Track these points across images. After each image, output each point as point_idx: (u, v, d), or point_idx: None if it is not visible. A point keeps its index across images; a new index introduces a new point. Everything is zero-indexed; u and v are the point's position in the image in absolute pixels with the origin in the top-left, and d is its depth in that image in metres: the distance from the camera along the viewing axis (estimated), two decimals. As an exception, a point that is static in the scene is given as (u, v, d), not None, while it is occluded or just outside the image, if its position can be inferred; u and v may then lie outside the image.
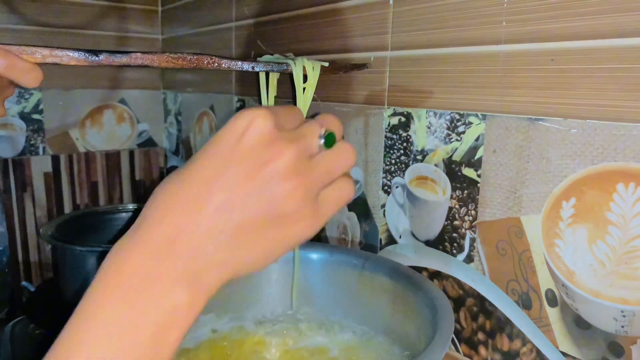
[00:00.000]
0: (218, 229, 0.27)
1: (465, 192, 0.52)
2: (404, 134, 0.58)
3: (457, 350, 0.55)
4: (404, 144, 0.58)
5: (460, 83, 0.51)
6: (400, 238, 0.60)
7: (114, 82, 1.10)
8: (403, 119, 0.58)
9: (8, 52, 0.38)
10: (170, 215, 0.27)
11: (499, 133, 0.48)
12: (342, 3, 0.64)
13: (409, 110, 0.57)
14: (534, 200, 0.46)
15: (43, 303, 0.74)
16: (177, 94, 1.11)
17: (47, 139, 1.03)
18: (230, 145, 0.28)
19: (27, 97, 1.00)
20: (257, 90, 0.56)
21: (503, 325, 0.50)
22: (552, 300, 0.46)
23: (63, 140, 1.05)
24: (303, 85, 0.54)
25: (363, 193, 0.65)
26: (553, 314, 0.46)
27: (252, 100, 0.86)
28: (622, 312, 0.41)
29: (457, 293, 0.54)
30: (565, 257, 0.44)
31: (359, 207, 0.66)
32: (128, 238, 0.27)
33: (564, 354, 0.45)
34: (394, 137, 0.59)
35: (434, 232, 0.56)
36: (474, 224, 0.51)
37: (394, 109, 0.59)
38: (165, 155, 1.18)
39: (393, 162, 0.60)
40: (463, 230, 0.53)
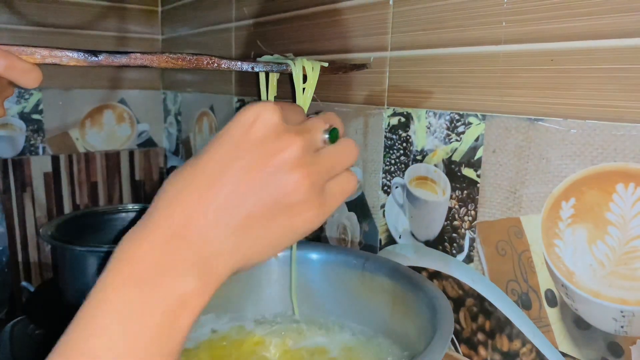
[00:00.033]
0: (227, 219, 0.28)
1: (465, 192, 0.52)
2: (404, 134, 0.58)
3: (456, 351, 0.55)
4: (404, 144, 0.58)
5: (460, 83, 0.51)
6: (400, 238, 0.60)
7: (114, 82, 1.10)
8: (403, 119, 0.58)
9: (8, 52, 0.38)
10: (181, 206, 0.28)
11: (499, 133, 0.48)
12: (341, 3, 0.64)
13: (409, 111, 0.57)
14: (534, 201, 0.46)
15: (43, 303, 0.74)
16: (177, 94, 1.11)
17: (47, 139, 1.03)
18: (239, 137, 0.29)
19: (27, 97, 1.00)
20: (256, 91, 0.56)
21: (503, 326, 0.50)
22: (551, 301, 0.46)
23: (63, 141, 1.05)
24: (303, 86, 0.53)
25: (363, 193, 0.65)
26: (553, 314, 0.46)
27: (251, 101, 0.86)
28: (621, 312, 0.41)
29: (456, 293, 0.54)
30: (565, 257, 0.44)
31: (359, 207, 0.66)
32: (140, 227, 0.28)
33: (564, 354, 0.45)
34: (394, 137, 0.59)
35: (434, 232, 0.56)
36: (474, 224, 0.51)
37: (394, 109, 0.59)
38: (165, 156, 1.18)
39: (393, 162, 0.60)
40: (463, 231, 0.53)
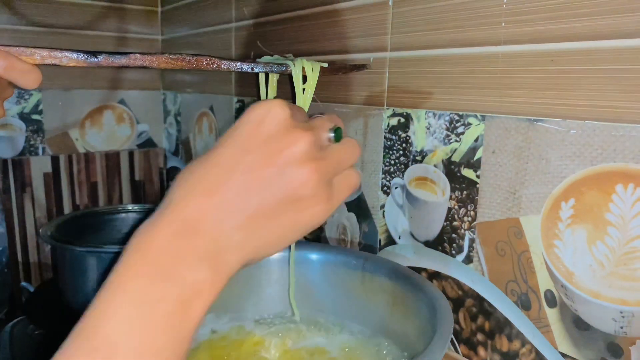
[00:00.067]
0: (238, 212, 0.29)
1: (465, 192, 0.52)
2: (404, 135, 0.58)
3: (456, 351, 0.55)
4: (404, 145, 0.58)
5: (460, 84, 0.51)
6: (400, 239, 0.60)
7: (114, 82, 1.10)
8: (402, 120, 0.58)
9: (7, 53, 0.38)
10: (194, 199, 0.29)
11: (498, 134, 0.48)
12: (341, 4, 0.64)
13: (409, 111, 0.57)
14: (533, 201, 0.46)
15: (42, 303, 0.74)
16: (176, 95, 1.11)
17: (46, 140, 1.03)
18: (249, 133, 0.30)
19: (26, 97, 1.00)
20: (256, 91, 0.56)
21: (502, 326, 0.50)
22: (551, 301, 0.46)
23: (63, 141, 1.05)
24: (302, 86, 0.53)
25: (362, 194, 0.65)
26: (552, 315, 0.46)
27: (251, 101, 0.86)
28: (621, 313, 0.41)
29: (456, 294, 0.54)
30: (565, 257, 0.44)
31: (359, 207, 0.66)
32: (154, 219, 0.29)
33: (563, 355, 0.45)
34: (394, 137, 0.59)
35: (433, 232, 0.56)
36: (473, 225, 0.51)
37: (394, 110, 0.59)
38: (165, 156, 1.18)
39: (392, 162, 0.60)
40: (462, 231, 0.53)
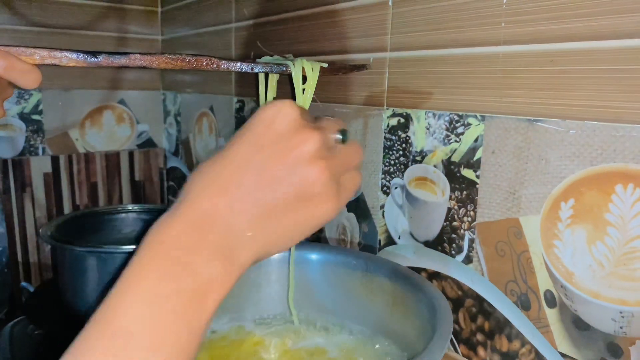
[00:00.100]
0: (250, 210, 0.30)
1: (464, 192, 0.52)
2: (403, 135, 0.58)
3: (455, 351, 0.55)
4: (403, 145, 0.58)
5: (460, 84, 0.51)
6: (399, 239, 0.60)
7: (114, 82, 1.10)
8: (402, 120, 0.58)
9: (7, 53, 0.38)
10: (208, 196, 0.30)
11: (498, 134, 0.48)
12: (341, 4, 0.64)
13: (408, 112, 0.57)
14: (533, 201, 0.46)
15: (42, 304, 0.74)
16: (176, 95, 1.11)
17: (46, 140, 1.03)
18: (261, 132, 0.31)
19: (26, 97, 1.00)
20: (256, 92, 0.56)
21: (502, 326, 0.50)
22: (550, 301, 0.46)
23: (63, 141, 1.05)
24: (302, 87, 0.53)
25: (362, 194, 0.65)
26: (552, 315, 0.46)
27: (251, 102, 0.86)
28: (620, 313, 0.41)
29: (456, 294, 0.54)
30: (564, 258, 0.44)
31: (358, 208, 0.66)
32: (169, 214, 0.29)
33: (563, 355, 0.45)
34: (393, 138, 0.59)
35: (433, 232, 0.56)
36: (473, 225, 0.51)
37: (393, 110, 0.59)
38: (165, 156, 1.18)
39: (392, 163, 0.60)
40: (462, 231, 0.53)
